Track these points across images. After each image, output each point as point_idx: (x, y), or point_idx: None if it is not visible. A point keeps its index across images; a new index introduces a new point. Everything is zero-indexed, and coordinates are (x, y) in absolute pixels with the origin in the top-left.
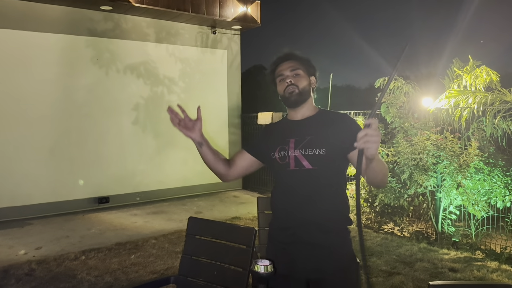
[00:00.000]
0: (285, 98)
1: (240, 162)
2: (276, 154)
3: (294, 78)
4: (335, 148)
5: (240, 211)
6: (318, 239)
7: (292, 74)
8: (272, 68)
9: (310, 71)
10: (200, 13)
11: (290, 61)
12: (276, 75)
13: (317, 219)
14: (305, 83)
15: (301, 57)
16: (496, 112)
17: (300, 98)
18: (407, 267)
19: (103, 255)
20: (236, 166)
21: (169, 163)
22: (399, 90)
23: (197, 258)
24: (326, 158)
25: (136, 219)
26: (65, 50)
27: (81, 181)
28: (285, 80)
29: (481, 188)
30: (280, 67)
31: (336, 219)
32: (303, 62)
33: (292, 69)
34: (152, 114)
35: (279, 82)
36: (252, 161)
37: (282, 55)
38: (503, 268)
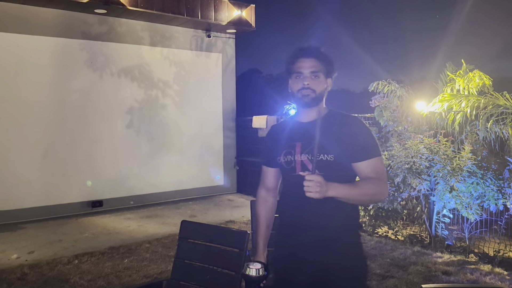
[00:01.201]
0: (297, 99)
1: (271, 181)
2: (282, 158)
3: (312, 81)
4: (343, 153)
5: (234, 214)
6: (324, 247)
7: (311, 75)
8: (292, 60)
9: (329, 73)
10: (194, 16)
11: (312, 59)
12: (293, 69)
13: (324, 227)
14: (323, 87)
15: (325, 57)
16: (489, 116)
17: (314, 102)
18: (401, 270)
19: (96, 259)
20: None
21: (163, 166)
22: (393, 94)
23: (190, 261)
24: (334, 164)
25: (129, 223)
26: (59, 53)
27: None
28: (302, 80)
29: (474, 192)
30: (299, 63)
31: (344, 227)
32: (325, 63)
33: (313, 71)
34: (146, 118)
35: (294, 79)
36: (276, 171)
37: (305, 50)
38: (496, 271)
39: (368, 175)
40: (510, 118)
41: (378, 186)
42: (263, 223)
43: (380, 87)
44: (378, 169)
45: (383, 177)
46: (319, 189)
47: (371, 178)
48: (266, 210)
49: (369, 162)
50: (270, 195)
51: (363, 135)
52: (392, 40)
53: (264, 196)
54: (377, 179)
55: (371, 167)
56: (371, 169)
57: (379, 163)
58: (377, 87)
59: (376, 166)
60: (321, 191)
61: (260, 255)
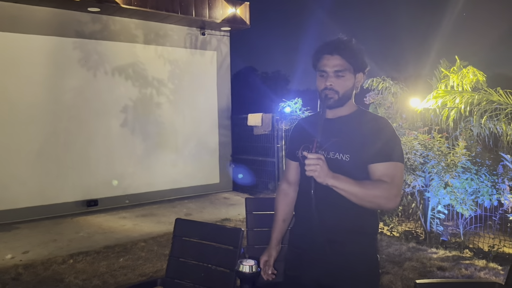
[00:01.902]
0: (321, 98)
1: (293, 174)
2: (300, 153)
3: (336, 81)
4: (361, 154)
5: (230, 212)
6: (331, 251)
7: (335, 75)
8: (316, 56)
9: (359, 67)
10: (188, 14)
11: (337, 56)
12: (318, 67)
13: (333, 229)
14: (349, 85)
15: (352, 52)
16: (483, 112)
17: (336, 104)
18: (396, 266)
19: (91, 258)
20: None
21: (158, 165)
22: (387, 90)
23: (184, 259)
24: (349, 164)
25: (125, 222)
26: (53, 52)
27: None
28: (326, 79)
29: (468, 187)
30: (323, 61)
31: (356, 229)
32: (353, 58)
33: (337, 70)
34: (141, 116)
35: (319, 77)
36: (298, 165)
37: (330, 45)
38: (491, 266)
39: (380, 178)
40: (503, 114)
41: (387, 191)
42: (280, 216)
43: (374, 84)
44: (392, 175)
45: (396, 184)
46: (319, 168)
47: (382, 181)
48: (285, 204)
49: (384, 164)
50: (291, 189)
51: (386, 137)
52: (386, 37)
53: (284, 189)
54: (388, 183)
55: (385, 171)
56: (384, 173)
57: (396, 169)
58: (372, 84)
59: (391, 171)
60: (321, 172)
61: (271, 248)
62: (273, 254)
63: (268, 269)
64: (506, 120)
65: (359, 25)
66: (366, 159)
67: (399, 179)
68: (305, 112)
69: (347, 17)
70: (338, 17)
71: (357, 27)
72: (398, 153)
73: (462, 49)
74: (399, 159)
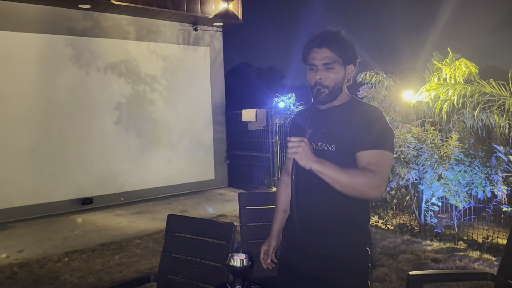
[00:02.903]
0: (312, 92)
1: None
2: None
3: (326, 74)
4: (348, 144)
5: (225, 208)
6: (322, 241)
7: (324, 68)
8: (305, 50)
9: (348, 59)
10: (180, 10)
11: (325, 49)
12: (307, 61)
13: (322, 220)
14: (339, 78)
15: (340, 43)
16: (475, 104)
17: (329, 98)
18: (391, 259)
19: (87, 256)
20: None
21: (153, 162)
22: (381, 84)
23: (177, 255)
24: (334, 154)
25: (120, 219)
26: (44, 50)
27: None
28: (315, 73)
29: (462, 179)
30: (312, 54)
31: (344, 221)
32: (341, 50)
33: (326, 63)
34: (134, 113)
35: (309, 71)
36: None
37: (317, 38)
38: (485, 257)
39: (366, 166)
40: (496, 105)
41: (371, 179)
42: (281, 207)
43: (368, 78)
44: (378, 163)
45: (382, 173)
46: (301, 150)
47: (368, 170)
48: (286, 194)
49: (371, 152)
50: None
51: (375, 125)
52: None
53: (285, 180)
54: (374, 172)
55: (372, 159)
56: (370, 161)
57: (383, 158)
58: (365, 78)
59: (378, 159)
60: (303, 154)
61: (272, 238)
62: (273, 244)
63: (267, 258)
64: (498, 111)
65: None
66: (354, 148)
67: (385, 169)
68: (299, 107)
69: (342, 11)
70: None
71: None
72: (387, 142)
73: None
74: (388, 148)
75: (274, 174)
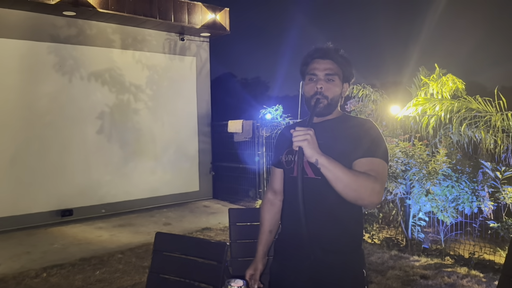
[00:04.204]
0: (309, 105)
1: (278, 183)
2: (284, 157)
3: (326, 85)
4: (345, 156)
5: (210, 221)
6: (318, 259)
7: (325, 78)
8: (306, 61)
9: (346, 77)
10: (167, 19)
11: (328, 60)
12: (307, 71)
13: (320, 237)
14: (337, 91)
15: (342, 59)
16: (462, 120)
17: (327, 110)
18: (379, 275)
19: (66, 271)
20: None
21: (136, 173)
22: (368, 98)
23: (165, 275)
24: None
25: (101, 232)
26: (26, 57)
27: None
28: (315, 83)
29: (449, 195)
30: (314, 64)
31: (342, 238)
32: (342, 66)
33: (328, 73)
34: (118, 123)
35: (308, 81)
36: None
37: (322, 50)
38: (473, 273)
39: (366, 172)
40: (482, 121)
41: (372, 183)
42: (266, 228)
43: (355, 91)
44: (377, 170)
45: (381, 180)
46: (309, 137)
47: (369, 174)
48: (271, 214)
49: (370, 159)
50: (277, 199)
51: (370, 135)
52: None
53: (270, 199)
54: (374, 177)
55: (371, 165)
56: (370, 167)
57: (382, 166)
58: (352, 91)
59: (376, 166)
60: (311, 143)
61: (258, 261)
62: (259, 267)
63: (254, 283)
64: (485, 127)
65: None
66: (350, 159)
67: (383, 177)
68: (286, 118)
69: (328, 24)
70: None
71: (337, 34)
72: (383, 152)
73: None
74: (384, 157)
75: (260, 186)
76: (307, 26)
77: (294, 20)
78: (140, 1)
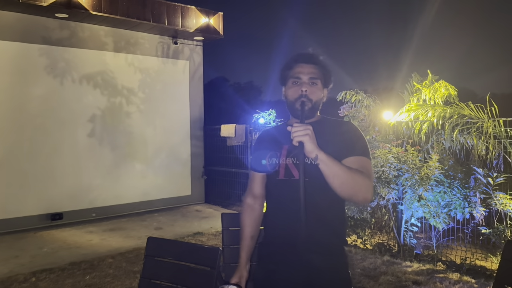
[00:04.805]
0: (293, 108)
1: (258, 188)
2: (267, 161)
3: (311, 88)
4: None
5: (202, 226)
6: (309, 262)
7: (309, 82)
8: (290, 65)
9: (327, 82)
10: (161, 23)
11: (312, 65)
12: (291, 75)
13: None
14: (320, 95)
15: (324, 65)
16: (454, 126)
17: (311, 113)
18: (372, 281)
19: (56, 276)
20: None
21: (127, 177)
22: (360, 103)
23: (157, 281)
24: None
25: (91, 236)
26: (17, 59)
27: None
28: (300, 86)
29: (441, 200)
30: (298, 68)
31: (331, 239)
32: (324, 71)
33: (312, 77)
34: (109, 126)
35: (291, 84)
36: (264, 177)
37: (305, 55)
38: (465, 279)
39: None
40: (474, 128)
41: (367, 180)
42: (248, 234)
43: (347, 97)
44: (367, 167)
45: (372, 176)
46: (310, 132)
47: (361, 171)
48: (252, 219)
49: (357, 158)
50: (257, 203)
51: (355, 136)
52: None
53: (250, 204)
54: (365, 174)
55: (362, 163)
56: (361, 165)
57: (368, 163)
58: (345, 97)
59: (365, 163)
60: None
61: (242, 269)
62: (244, 275)
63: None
64: (477, 134)
65: (333, 38)
66: (339, 157)
67: (372, 174)
68: (279, 123)
69: (321, 29)
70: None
71: (330, 39)
72: (367, 150)
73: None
74: (369, 156)
75: None
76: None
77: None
78: (133, 4)
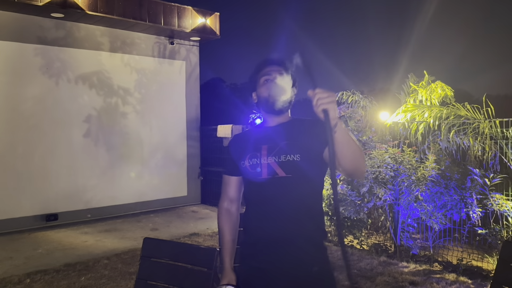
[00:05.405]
0: (268, 103)
1: (234, 191)
2: (247, 162)
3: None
4: (310, 152)
5: (198, 227)
6: (297, 257)
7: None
8: (259, 68)
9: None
10: (157, 23)
11: (280, 66)
12: (261, 74)
13: (294, 235)
14: (289, 94)
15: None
16: (450, 126)
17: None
18: (369, 281)
19: (50, 277)
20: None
21: (123, 177)
22: (357, 104)
23: (153, 282)
24: (300, 164)
25: (86, 237)
26: (12, 58)
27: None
28: (269, 85)
29: (438, 201)
30: (267, 69)
31: (315, 233)
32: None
33: (281, 74)
34: (105, 126)
35: (263, 82)
36: (239, 181)
37: (274, 58)
38: (461, 280)
39: None
40: (470, 128)
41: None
42: (228, 237)
43: (344, 97)
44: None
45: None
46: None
47: None
48: (230, 223)
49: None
50: (233, 207)
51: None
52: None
53: (227, 208)
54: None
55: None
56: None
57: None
58: (342, 97)
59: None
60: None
61: (229, 272)
62: (233, 278)
63: None
64: (473, 134)
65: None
66: (320, 148)
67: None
68: None
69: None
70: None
71: (327, 40)
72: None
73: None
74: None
75: None
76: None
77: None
78: (129, 4)
